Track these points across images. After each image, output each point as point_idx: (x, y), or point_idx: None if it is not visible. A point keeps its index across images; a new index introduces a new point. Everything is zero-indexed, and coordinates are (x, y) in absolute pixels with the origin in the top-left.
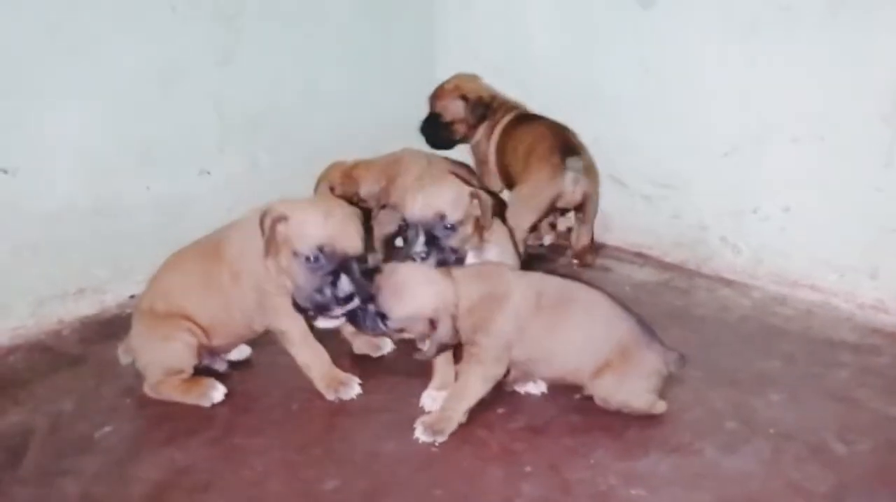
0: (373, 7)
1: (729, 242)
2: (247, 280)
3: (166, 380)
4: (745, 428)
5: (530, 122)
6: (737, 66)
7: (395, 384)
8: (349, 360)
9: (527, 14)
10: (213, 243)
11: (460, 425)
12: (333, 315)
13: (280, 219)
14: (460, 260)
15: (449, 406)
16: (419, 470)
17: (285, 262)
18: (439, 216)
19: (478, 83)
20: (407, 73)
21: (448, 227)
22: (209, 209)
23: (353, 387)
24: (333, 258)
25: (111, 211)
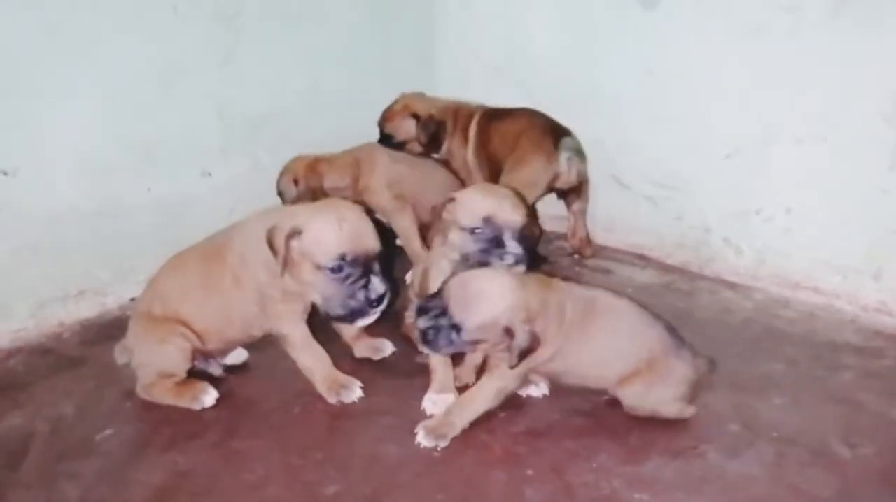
0: (373, 7)
1: (731, 244)
2: (248, 284)
3: (159, 383)
4: (748, 432)
5: (507, 115)
6: (739, 67)
7: (396, 387)
8: (350, 364)
9: (527, 14)
10: (213, 246)
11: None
12: (370, 317)
13: (293, 235)
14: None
15: (455, 412)
16: (421, 473)
17: (309, 277)
18: (527, 220)
19: (427, 100)
20: (407, 74)
21: (526, 232)
22: (210, 210)
23: (355, 390)
24: (357, 263)
25: (112, 212)
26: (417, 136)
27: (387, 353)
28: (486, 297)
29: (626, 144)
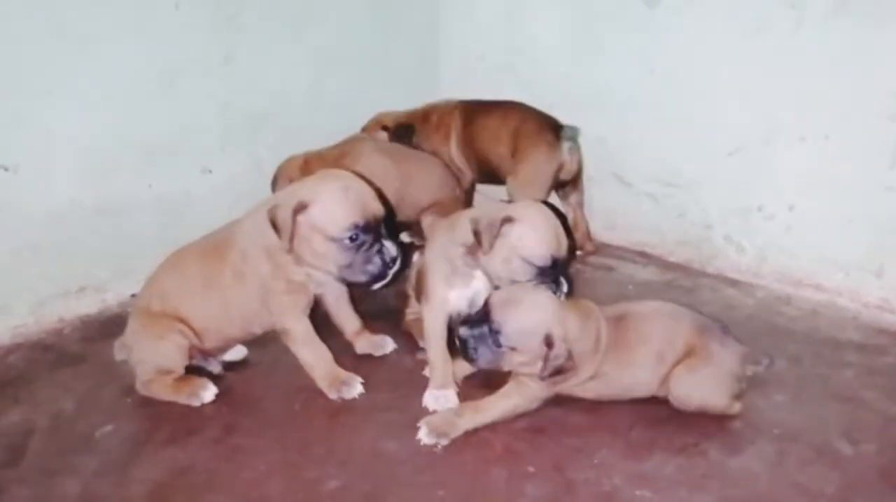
0: (376, 5)
1: (733, 241)
2: (251, 280)
3: (157, 379)
4: (750, 429)
5: (493, 109)
6: (742, 65)
7: (397, 383)
8: (351, 360)
9: (531, 13)
10: (212, 244)
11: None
12: (388, 278)
13: (300, 210)
14: None
15: (462, 413)
16: (422, 470)
17: (321, 249)
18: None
19: (397, 112)
20: (410, 72)
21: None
22: (211, 208)
23: (356, 387)
24: (369, 229)
25: (113, 209)
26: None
27: (388, 350)
28: (530, 303)
29: (628, 142)
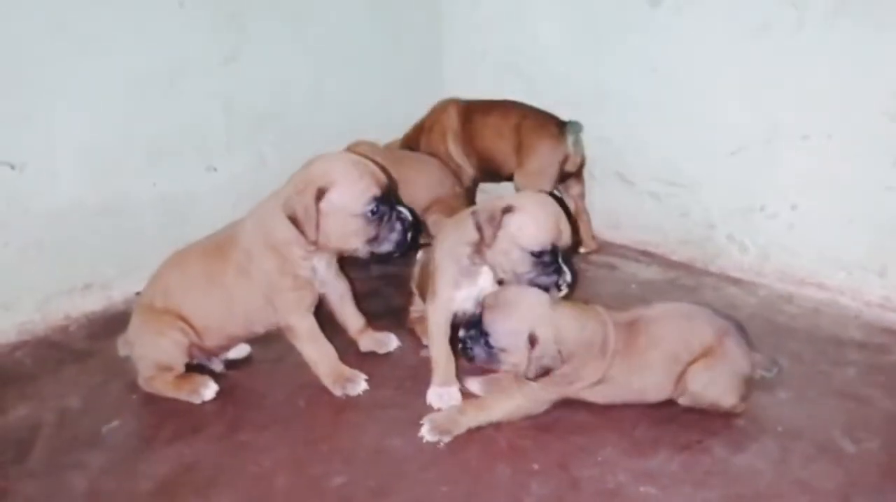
0: (379, 5)
1: (736, 240)
2: (257, 278)
3: (158, 376)
4: (754, 427)
5: (493, 108)
6: (745, 64)
7: (401, 380)
8: (356, 357)
9: (534, 12)
10: (215, 243)
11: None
12: (409, 241)
13: (321, 196)
14: None
15: (466, 411)
16: (426, 466)
17: (349, 227)
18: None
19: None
20: (413, 72)
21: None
22: (215, 206)
23: (360, 383)
24: (386, 198)
25: (117, 207)
26: None
27: (392, 348)
28: (517, 304)
29: (631, 141)
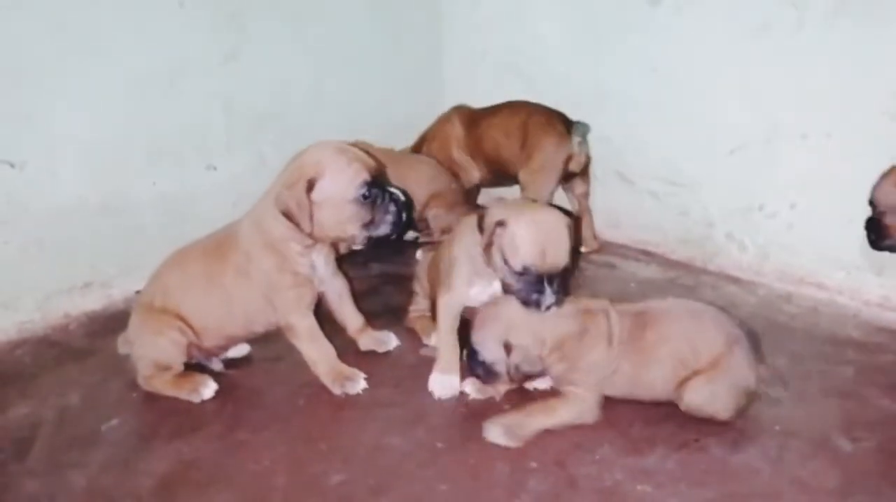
0: (379, 5)
1: (735, 239)
2: (257, 277)
3: (157, 375)
4: (751, 425)
5: (498, 111)
6: (744, 63)
7: (401, 379)
8: (355, 356)
9: (534, 12)
10: (214, 243)
11: (465, 420)
12: (405, 221)
13: (311, 187)
14: None
15: (533, 414)
16: (425, 464)
17: (343, 214)
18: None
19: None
20: (413, 72)
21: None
22: (215, 205)
23: (359, 382)
24: (376, 181)
25: (117, 206)
26: None
27: (391, 346)
28: (493, 317)
29: (630, 140)
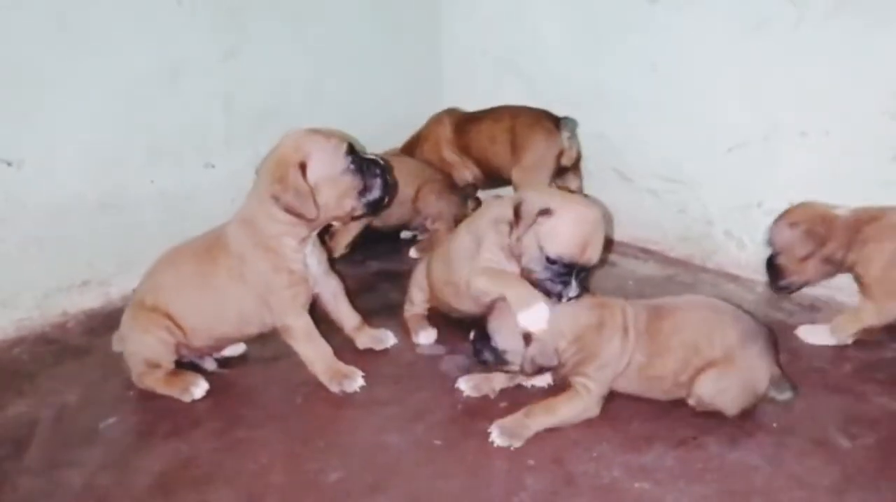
0: (380, 4)
1: (734, 237)
2: (252, 279)
3: (149, 373)
4: (749, 423)
5: (484, 116)
6: (744, 62)
7: (398, 377)
8: (353, 354)
9: (533, 9)
10: (204, 247)
11: (463, 417)
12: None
13: (304, 169)
14: None
15: (533, 414)
16: (423, 462)
17: (338, 187)
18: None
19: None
20: (412, 69)
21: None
22: (213, 203)
23: (357, 380)
24: (354, 149)
25: (116, 204)
26: None
27: (389, 344)
28: (507, 307)
29: (629, 138)
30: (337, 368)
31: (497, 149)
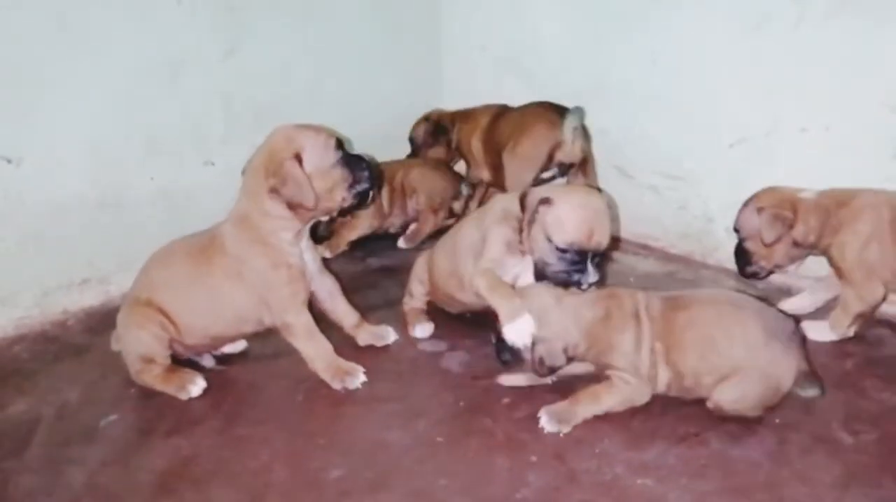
0: (379, 1)
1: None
2: (251, 278)
3: (146, 369)
4: (751, 419)
5: (516, 109)
6: (744, 57)
7: (399, 374)
8: (354, 351)
9: (533, 5)
10: (198, 247)
11: (464, 414)
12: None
13: (297, 157)
14: None
15: (581, 400)
16: (424, 459)
17: (331, 178)
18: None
19: (444, 110)
20: (413, 64)
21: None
22: (213, 200)
23: (359, 376)
24: (342, 145)
25: (116, 202)
26: (425, 138)
27: (390, 340)
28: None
29: (630, 134)
30: (338, 365)
31: (508, 131)
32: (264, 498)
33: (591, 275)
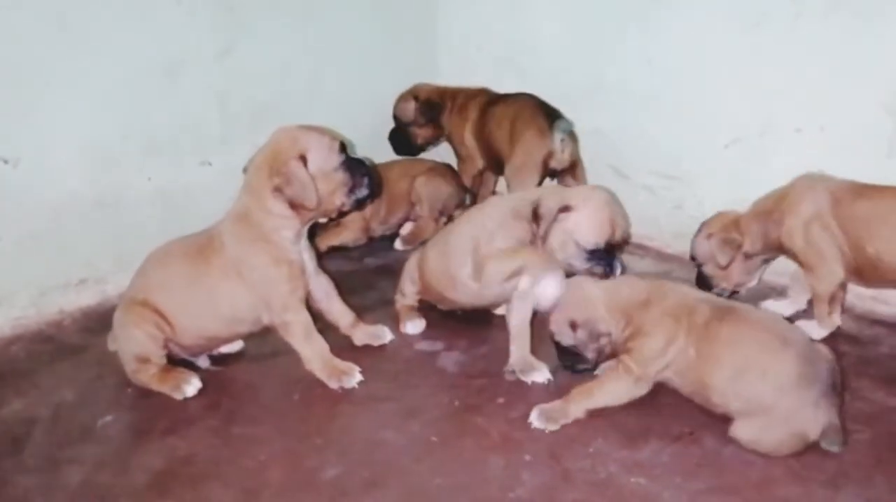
0: (377, 1)
1: None
2: (250, 275)
3: (141, 369)
4: None
5: (504, 100)
6: (740, 57)
7: (396, 373)
8: (351, 352)
9: (530, 7)
10: (196, 247)
11: (459, 414)
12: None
13: (302, 158)
14: None
15: (573, 398)
16: (420, 458)
17: (333, 181)
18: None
19: (431, 86)
20: (410, 64)
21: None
22: (211, 200)
23: (355, 376)
24: (345, 148)
25: (113, 202)
26: (415, 117)
27: (386, 340)
28: (560, 303)
29: (625, 134)
30: (334, 365)
31: (500, 134)
32: (260, 497)
33: (619, 266)
